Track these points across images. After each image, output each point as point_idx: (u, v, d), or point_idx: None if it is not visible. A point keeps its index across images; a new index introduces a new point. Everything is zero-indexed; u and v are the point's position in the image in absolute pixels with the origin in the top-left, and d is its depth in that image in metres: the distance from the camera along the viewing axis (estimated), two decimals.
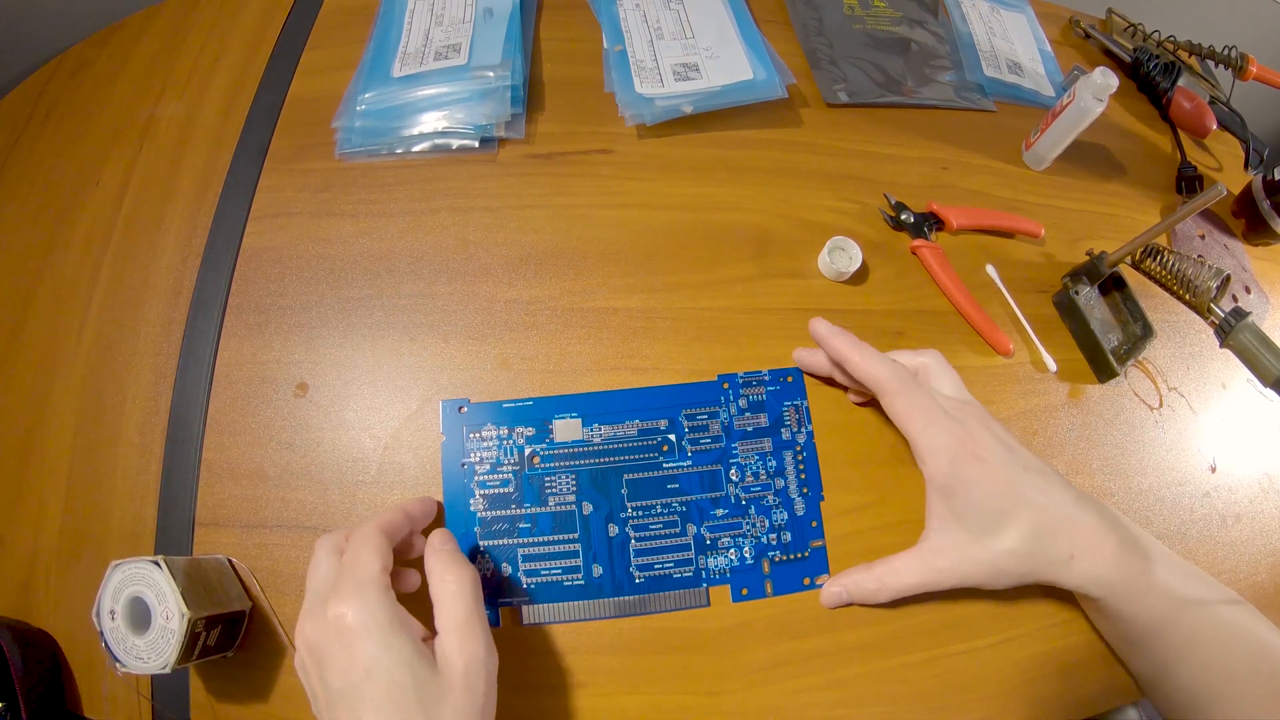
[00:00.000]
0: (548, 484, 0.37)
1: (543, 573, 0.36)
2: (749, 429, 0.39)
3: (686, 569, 0.37)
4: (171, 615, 0.30)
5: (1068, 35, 0.65)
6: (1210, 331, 0.42)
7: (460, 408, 0.38)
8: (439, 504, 0.37)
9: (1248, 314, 0.40)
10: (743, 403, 0.40)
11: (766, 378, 0.40)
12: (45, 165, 0.49)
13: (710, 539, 0.37)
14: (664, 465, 0.38)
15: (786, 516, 0.38)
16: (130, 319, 0.42)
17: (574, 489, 0.37)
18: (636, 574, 0.36)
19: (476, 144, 0.46)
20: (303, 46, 0.51)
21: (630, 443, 0.38)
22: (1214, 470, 0.45)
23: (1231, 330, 0.40)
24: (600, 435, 0.38)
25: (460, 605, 0.29)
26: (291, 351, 0.41)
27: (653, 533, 0.37)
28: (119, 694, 0.35)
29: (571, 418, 0.38)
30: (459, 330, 0.41)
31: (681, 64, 0.50)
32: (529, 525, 0.37)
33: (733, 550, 0.37)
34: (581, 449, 0.38)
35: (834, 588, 0.37)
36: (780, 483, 0.39)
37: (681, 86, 0.49)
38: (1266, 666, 0.32)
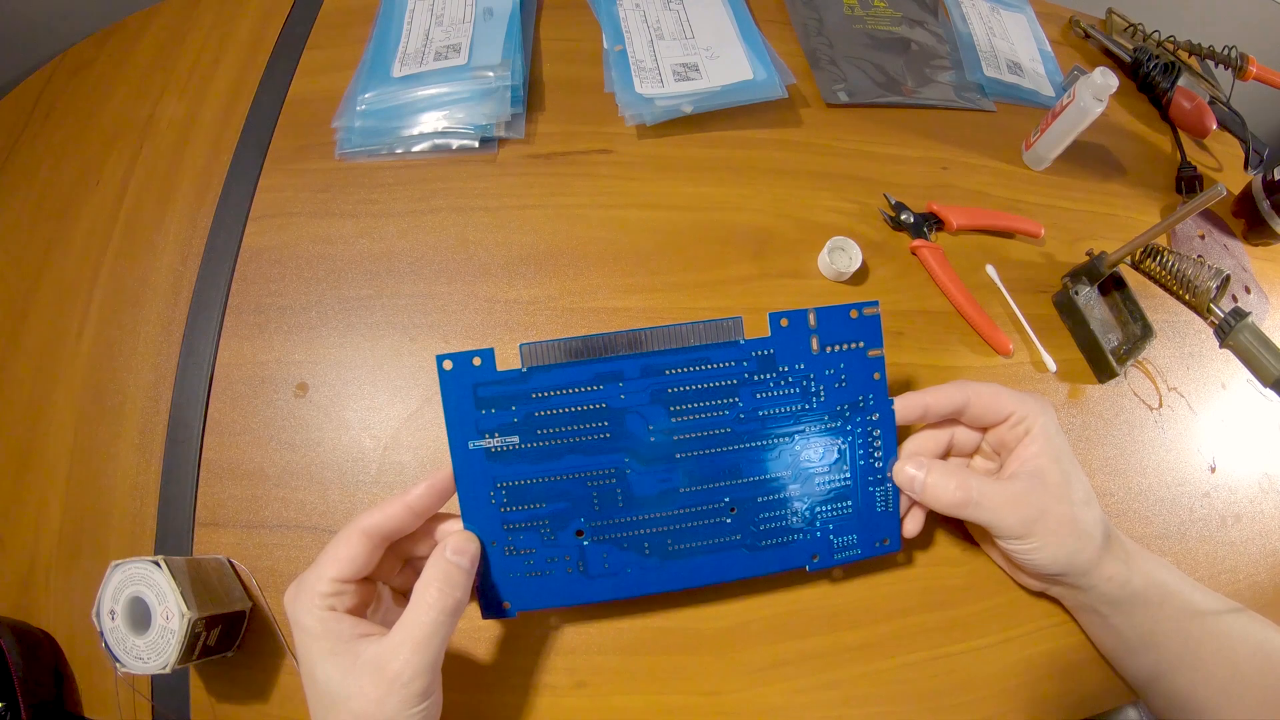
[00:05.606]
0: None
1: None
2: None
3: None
4: (171, 615, 0.30)
5: (1068, 35, 0.65)
6: (1210, 331, 0.42)
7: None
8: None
9: (1247, 314, 0.40)
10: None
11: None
12: (45, 165, 0.49)
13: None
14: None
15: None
16: (130, 319, 0.42)
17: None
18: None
19: (476, 144, 0.46)
20: (303, 46, 0.51)
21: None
22: (1214, 470, 0.45)
23: (1231, 330, 0.40)
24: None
25: (427, 620, 0.27)
26: (291, 351, 0.41)
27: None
28: (119, 694, 0.35)
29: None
30: (459, 330, 0.41)
31: (681, 64, 0.50)
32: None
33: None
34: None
35: (915, 471, 0.33)
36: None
37: (681, 86, 0.49)
38: (1271, 667, 0.32)
